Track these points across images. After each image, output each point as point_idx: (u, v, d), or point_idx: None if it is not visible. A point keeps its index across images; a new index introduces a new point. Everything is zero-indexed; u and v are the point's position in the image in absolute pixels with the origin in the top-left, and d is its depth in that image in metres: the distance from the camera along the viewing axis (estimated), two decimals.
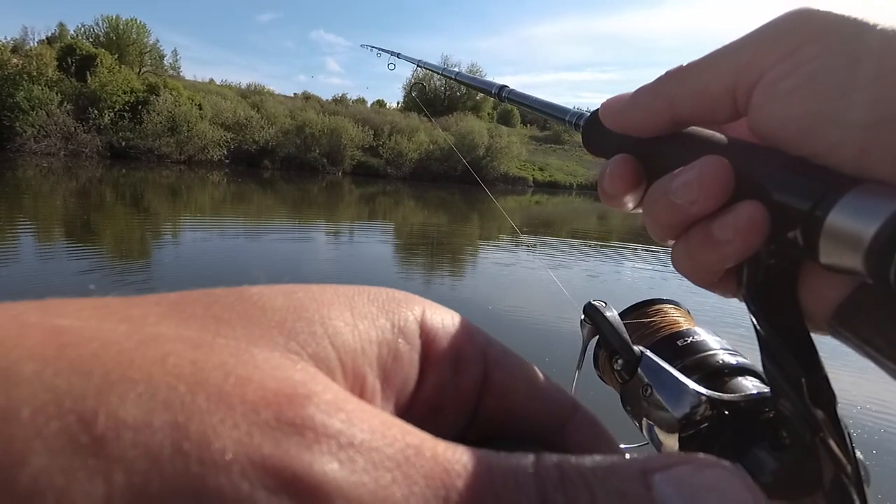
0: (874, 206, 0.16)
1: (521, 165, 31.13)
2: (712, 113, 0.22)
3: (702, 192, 0.20)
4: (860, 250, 0.16)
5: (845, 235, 0.17)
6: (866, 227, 0.16)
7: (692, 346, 0.26)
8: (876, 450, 2.81)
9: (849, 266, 0.17)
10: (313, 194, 17.14)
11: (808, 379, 0.19)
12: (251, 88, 32.87)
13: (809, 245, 0.18)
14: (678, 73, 0.23)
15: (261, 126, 24.17)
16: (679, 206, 0.21)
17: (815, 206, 0.17)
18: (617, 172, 0.24)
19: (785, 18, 0.20)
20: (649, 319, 0.29)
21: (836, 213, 0.17)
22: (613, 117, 0.25)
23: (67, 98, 20.38)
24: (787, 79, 0.19)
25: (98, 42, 27.40)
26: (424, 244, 9.08)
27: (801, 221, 0.18)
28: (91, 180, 14.35)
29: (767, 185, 0.19)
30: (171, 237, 7.64)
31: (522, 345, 3.84)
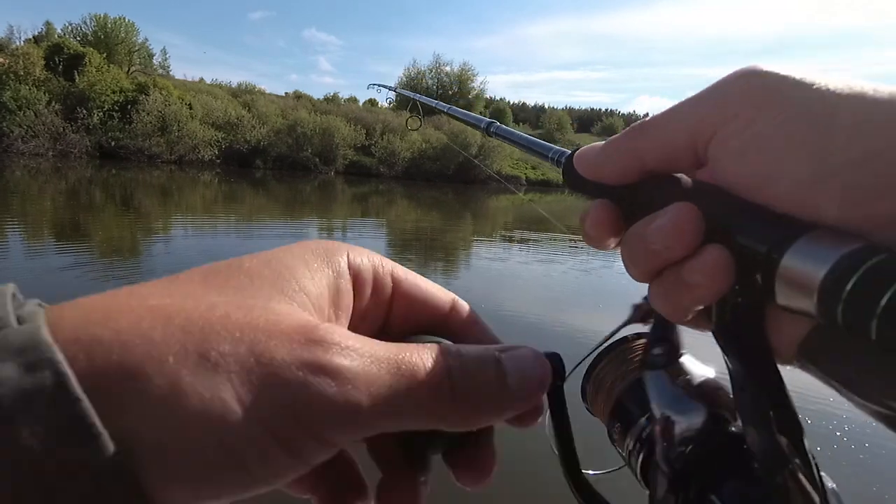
0: (824, 251, 0.17)
1: (514, 164, 31.16)
2: (676, 164, 0.24)
3: (675, 238, 0.21)
4: (812, 293, 0.17)
5: (798, 278, 0.17)
6: (816, 271, 0.17)
7: None
8: (868, 443, 2.87)
9: (802, 308, 0.18)
10: (306, 194, 17.08)
11: (776, 412, 0.19)
12: (242, 88, 32.63)
13: (767, 287, 0.19)
14: (642, 128, 0.24)
15: (252, 125, 24.01)
16: (654, 251, 0.22)
17: (771, 250, 0.18)
18: (596, 219, 0.26)
19: (733, 78, 0.22)
20: (634, 354, 0.29)
21: (790, 257, 0.18)
22: (586, 167, 0.27)
23: (55, 98, 20.12)
24: (734, 138, 0.21)
25: (86, 41, 27.05)
26: (417, 242, 9.09)
27: (761, 264, 0.19)
28: (80, 181, 14.20)
29: (732, 229, 0.20)
30: (162, 237, 7.59)
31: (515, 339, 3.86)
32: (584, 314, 5.16)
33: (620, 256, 0.25)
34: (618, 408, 0.28)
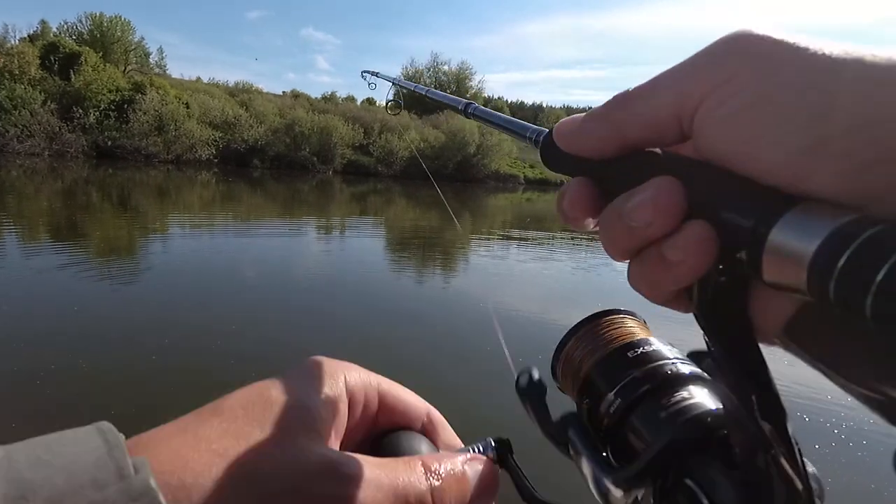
0: (814, 224, 0.16)
1: (512, 163, 31.18)
2: (659, 136, 0.23)
3: (656, 214, 0.20)
4: (802, 268, 0.16)
5: (786, 254, 0.17)
6: (807, 246, 0.16)
7: (644, 356, 0.27)
8: (866, 440, 2.86)
9: (791, 284, 0.17)
10: (304, 193, 17.04)
11: (759, 395, 0.19)
12: (239, 87, 32.58)
13: (753, 263, 0.18)
14: (624, 99, 0.23)
15: (250, 125, 23.97)
16: (634, 228, 0.21)
17: (758, 224, 0.18)
18: (574, 196, 0.25)
19: (720, 43, 0.21)
20: (604, 330, 0.29)
21: (778, 231, 0.17)
22: (566, 140, 0.25)
23: (51, 97, 20.07)
24: (722, 106, 0.20)
25: (82, 40, 26.98)
26: (416, 241, 9.07)
27: (746, 240, 0.18)
28: (77, 180, 14.15)
29: (715, 204, 0.19)
30: (159, 237, 7.56)
31: (512, 340, 3.84)
32: (581, 312, 5.14)
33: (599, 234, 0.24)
34: (586, 384, 0.28)
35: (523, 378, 0.29)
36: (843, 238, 0.16)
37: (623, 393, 0.26)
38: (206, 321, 3.96)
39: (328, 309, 4.63)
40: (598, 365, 0.28)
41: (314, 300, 4.89)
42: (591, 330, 0.30)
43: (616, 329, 0.29)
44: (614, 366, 0.27)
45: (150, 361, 3.12)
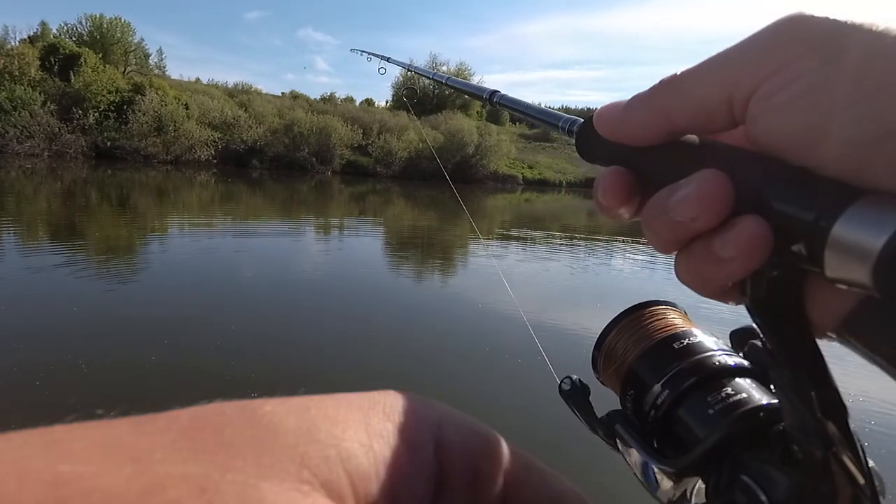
0: (881, 217, 0.16)
1: (511, 163, 31.20)
2: (708, 123, 0.22)
3: (701, 209, 0.20)
4: (868, 263, 0.16)
5: (852, 248, 0.16)
6: (874, 240, 0.16)
7: (689, 347, 0.26)
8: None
9: (856, 280, 0.16)
10: (303, 193, 17.06)
11: (819, 392, 0.18)
12: (238, 87, 32.60)
13: (814, 258, 0.17)
14: (672, 83, 0.22)
15: (249, 125, 24.01)
16: (679, 222, 0.20)
17: (820, 218, 0.17)
18: (610, 186, 0.24)
19: (778, 26, 0.20)
20: (646, 321, 0.29)
21: (842, 224, 0.16)
22: (608, 126, 0.24)
23: (51, 98, 20.09)
24: (782, 91, 0.19)
25: (81, 41, 27.00)
26: (415, 242, 9.09)
27: (805, 234, 0.17)
28: (76, 181, 14.16)
29: (769, 197, 0.19)
30: (158, 237, 7.58)
31: (514, 342, 3.87)
32: (582, 312, 5.17)
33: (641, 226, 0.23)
34: (630, 376, 0.27)
35: (566, 383, 0.29)
36: None
37: (671, 385, 0.25)
38: (205, 321, 3.98)
39: (331, 309, 4.64)
40: (643, 356, 0.27)
41: (316, 300, 4.91)
42: (633, 321, 0.29)
43: (659, 320, 0.29)
44: (660, 357, 0.27)
45: (150, 362, 3.14)
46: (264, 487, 0.11)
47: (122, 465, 0.11)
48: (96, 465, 0.11)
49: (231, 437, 0.12)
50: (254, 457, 0.12)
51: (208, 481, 0.11)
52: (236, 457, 0.12)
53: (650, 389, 0.26)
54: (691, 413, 0.24)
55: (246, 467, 0.12)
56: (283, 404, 0.14)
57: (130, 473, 0.11)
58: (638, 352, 0.28)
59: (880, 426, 2.91)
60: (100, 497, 0.10)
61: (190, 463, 0.11)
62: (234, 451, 0.12)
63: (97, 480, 0.10)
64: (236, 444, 0.12)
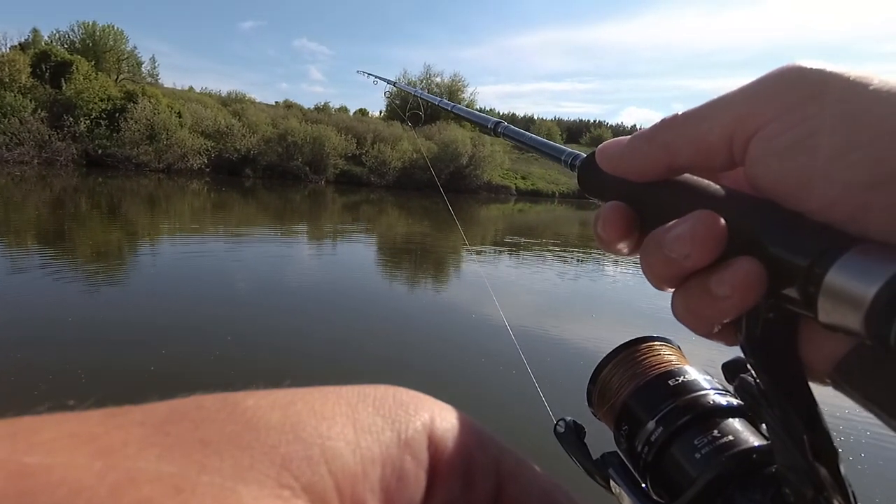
0: (875, 266, 0.16)
1: (504, 174, 31.41)
2: (708, 161, 0.22)
3: (695, 247, 0.20)
4: (860, 311, 0.16)
5: (845, 295, 0.16)
6: (867, 288, 0.16)
7: (684, 385, 0.26)
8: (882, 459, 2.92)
9: (848, 326, 0.16)
10: (296, 203, 17.02)
11: (811, 435, 0.18)
12: (232, 96, 32.56)
13: (808, 303, 0.18)
14: (674, 121, 0.23)
15: (242, 134, 23.91)
16: (673, 259, 0.21)
17: (815, 264, 0.17)
18: (609, 220, 0.24)
19: (780, 73, 0.20)
20: (641, 357, 0.29)
21: (836, 271, 0.17)
22: (609, 161, 0.25)
23: (42, 105, 19.92)
24: (784, 134, 0.19)
25: (73, 48, 26.88)
26: (408, 251, 9.10)
27: (800, 278, 0.18)
28: (66, 188, 14.01)
29: (764, 240, 0.19)
30: (148, 245, 7.52)
31: (506, 353, 3.89)
32: (577, 323, 5.20)
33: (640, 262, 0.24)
34: (624, 411, 0.27)
35: (560, 426, 0.29)
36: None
37: (665, 422, 0.25)
38: (203, 331, 3.95)
39: (321, 317, 4.63)
40: (638, 392, 0.27)
41: (307, 308, 4.90)
42: (628, 356, 0.29)
43: (654, 356, 0.29)
44: (654, 394, 0.27)
45: (147, 372, 3.11)
46: (242, 492, 0.11)
47: (93, 458, 0.10)
48: (64, 457, 0.10)
49: (209, 433, 0.12)
50: (232, 456, 0.11)
51: (184, 481, 0.10)
52: (214, 456, 0.11)
53: (644, 426, 0.26)
54: (684, 452, 0.24)
55: (223, 468, 0.11)
56: (266, 398, 0.13)
57: (101, 467, 0.10)
58: (632, 387, 0.28)
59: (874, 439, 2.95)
60: (67, 491, 0.09)
61: (164, 460, 0.11)
62: (211, 449, 0.11)
63: (65, 473, 0.10)
64: (215, 441, 0.11)
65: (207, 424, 0.12)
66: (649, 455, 0.25)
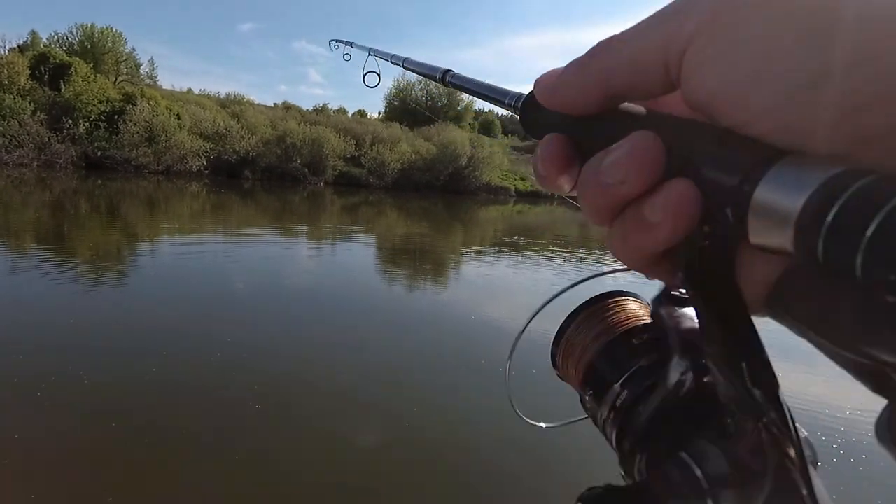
0: (803, 177, 0.15)
1: (504, 175, 31.43)
2: (646, 85, 0.21)
3: (631, 170, 0.19)
4: (788, 227, 0.15)
5: (773, 211, 0.16)
6: (793, 202, 0.15)
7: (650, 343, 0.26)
8: (865, 454, 2.95)
9: (778, 245, 0.16)
10: (295, 204, 17.04)
11: (749, 362, 0.18)
12: (231, 98, 32.57)
13: (740, 223, 0.17)
14: (608, 44, 0.22)
15: (241, 136, 23.91)
16: (609, 185, 0.20)
17: (743, 181, 0.17)
18: (547, 154, 0.23)
19: None
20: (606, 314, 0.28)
21: (764, 186, 0.16)
22: (547, 93, 0.24)
23: (41, 107, 19.90)
24: (710, 46, 0.18)
25: (72, 50, 26.85)
26: (407, 253, 9.12)
27: (731, 198, 0.17)
28: (65, 191, 14.02)
29: (697, 160, 0.18)
30: (147, 247, 7.53)
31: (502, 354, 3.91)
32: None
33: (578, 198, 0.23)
34: (590, 373, 0.27)
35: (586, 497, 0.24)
36: (831, 191, 0.14)
37: (630, 385, 0.24)
38: (203, 334, 3.97)
39: (322, 319, 4.65)
40: (602, 352, 0.26)
41: (311, 312, 4.92)
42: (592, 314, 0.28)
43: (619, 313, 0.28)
44: (619, 353, 0.26)
45: (150, 373, 3.13)
46: None
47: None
48: None
49: None
50: None
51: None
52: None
53: (610, 388, 0.25)
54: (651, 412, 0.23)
55: None
56: None
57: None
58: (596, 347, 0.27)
59: None
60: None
61: None
62: None
63: None
64: None
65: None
66: (616, 420, 0.24)
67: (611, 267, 0.28)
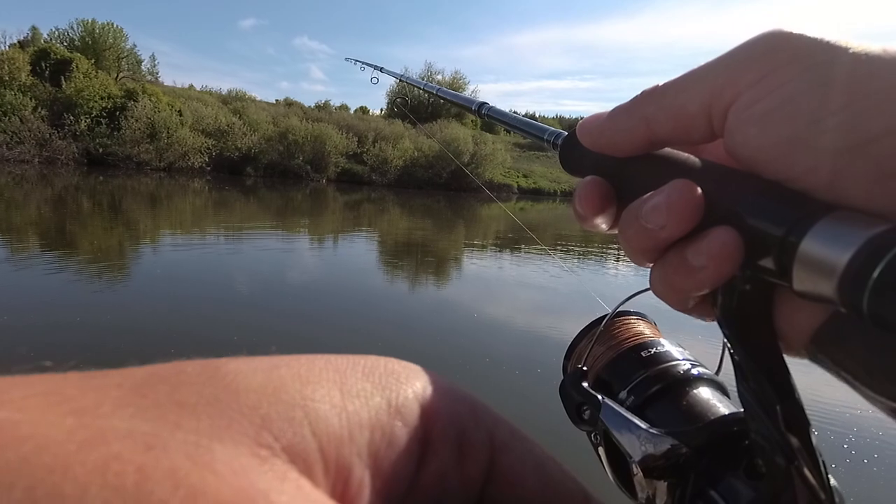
0: (848, 233, 0.16)
1: (506, 172, 31.33)
2: (688, 133, 0.22)
3: (671, 217, 0.20)
4: (833, 279, 0.16)
5: (818, 263, 0.16)
6: (840, 256, 0.16)
7: (656, 356, 0.27)
8: (878, 453, 2.87)
9: (822, 294, 0.16)
10: (297, 201, 16.98)
11: (783, 405, 0.18)
12: (233, 94, 32.50)
13: (783, 272, 0.18)
14: (654, 93, 0.22)
15: (243, 133, 23.84)
16: (650, 230, 0.21)
17: (789, 233, 0.17)
18: (586, 195, 0.24)
19: (759, 40, 0.20)
20: (616, 331, 0.29)
21: (810, 239, 0.17)
22: (590, 136, 0.24)
23: (42, 104, 19.86)
24: (760, 102, 0.19)
25: (73, 46, 26.81)
26: (409, 250, 9.05)
27: (775, 247, 0.18)
28: (67, 187, 13.98)
29: (741, 209, 0.19)
30: (149, 244, 7.47)
31: (505, 351, 3.83)
32: (575, 319, 5.14)
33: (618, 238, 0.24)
34: (598, 383, 0.28)
35: None
36: (877, 248, 0.15)
37: (636, 391, 0.25)
38: (209, 330, 3.91)
39: (324, 316, 4.59)
40: (611, 364, 0.28)
41: (315, 308, 4.85)
42: (603, 331, 0.29)
43: (628, 330, 0.29)
44: (627, 365, 0.27)
45: None
46: (217, 449, 0.10)
47: (64, 415, 0.10)
48: (34, 415, 0.10)
49: (187, 395, 0.11)
50: (209, 416, 0.11)
51: (156, 439, 0.10)
52: (190, 416, 0.11)
53: (617, 396, 0.26)
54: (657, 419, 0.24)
55: (199, 427, 0.10)
56: (248, 363, 0.13)
57: (71, 425, 0.10)
58: (606, 360, 0.28)
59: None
60: (34, 445, 0.09)
61: (138, 419, 0.10)
62: (188, 409, 0.11)
63: (33, 428, 0.09)
64: (192, 403, 0.11)
65: (186, 387, 0.11)
66: None
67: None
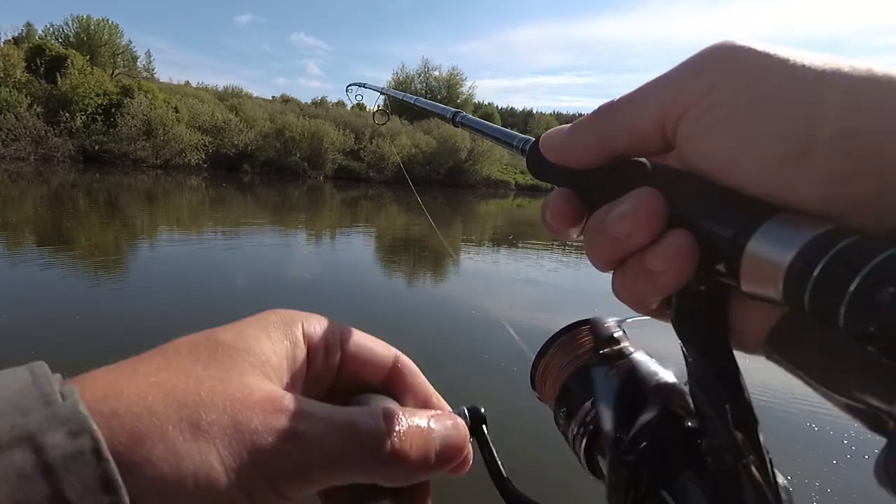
0: (792, 234, 0.17)
1: (503, 169, 31.32)
2: (644, 146, 0.23)
3: (637, 225, 0.21)
4: (778, 278, 0.16)
5: (764, 263, 0.17)
6: (783, 256, 0.16)
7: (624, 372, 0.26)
8: (850, 454, 2.93)
9: (768, 294, 0.17)
10: (294, 199, 16.96)
11: (733, 404, 0.19)
12: (229, 91, 32.35)
13: (733, 273, 0.18)
14: (609, 110, 0.23)
15: (240, 129, 23.76)
16: (616, 238, 0.21)
17: (737, 235, 0.18)
18: (556, 208, 0.25)
19: (705, 54, 0.21)
20: (582, 339, 0.29)
21: (756, 241, 0.17)
22: (552, 151, 0.26)
23: (37, 100, 19.73)
24: (706, 115, 0.20)
25: (68, 43, 26.64)
26: (406, 246, 9.08)
27: (725, 250, 0.18)
28: (63, 185, 13.94)
29: (696, 214, 0.20)
30: (146, 242, 7.48)
31: (499, 346, 3.88)
32: (569, 315, 5.19)
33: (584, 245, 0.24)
34: (564, 392, 0.28)
35: None
36: (818, 248, 0.16)
37: None
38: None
39: (324, 314, 4.62)
40: (575, 374, 0.28)
41: (312, 303, 4.87)
42: (569, 339, 0.30)
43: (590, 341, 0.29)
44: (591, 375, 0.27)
45: None
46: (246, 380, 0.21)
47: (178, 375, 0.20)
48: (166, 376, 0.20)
49: (217, 355, 0.21)
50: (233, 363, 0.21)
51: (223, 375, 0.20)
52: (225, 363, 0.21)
53: (581, 406, 0.26)
54: None
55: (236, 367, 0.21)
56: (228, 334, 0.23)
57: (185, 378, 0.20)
58: (572, 369, 0.28)
59: None
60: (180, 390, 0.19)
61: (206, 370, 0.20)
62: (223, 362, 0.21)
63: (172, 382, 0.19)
64: (221, 359, 0.21)
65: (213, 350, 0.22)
66: (585, 435, 0.26)
67: None
